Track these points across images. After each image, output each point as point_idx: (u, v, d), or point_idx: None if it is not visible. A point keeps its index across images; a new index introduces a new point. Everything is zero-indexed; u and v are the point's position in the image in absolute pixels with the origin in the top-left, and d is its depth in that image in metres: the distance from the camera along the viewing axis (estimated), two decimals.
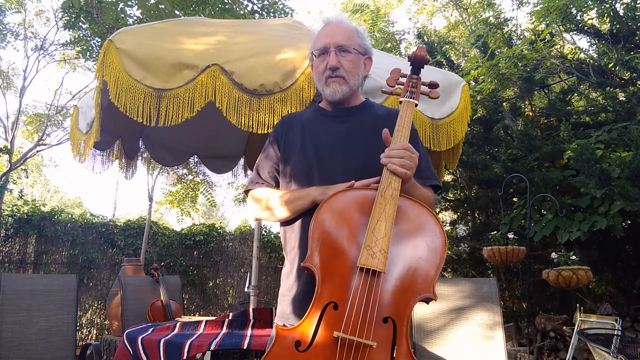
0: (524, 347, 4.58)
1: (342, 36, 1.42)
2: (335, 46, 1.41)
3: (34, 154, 13.28)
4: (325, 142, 1.43)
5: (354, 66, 1.43)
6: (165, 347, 2.10)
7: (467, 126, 2.75)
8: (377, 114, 1.49)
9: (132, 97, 2.11)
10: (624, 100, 5.14)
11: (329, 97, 1.45)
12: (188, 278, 7.54)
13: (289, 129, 1.51)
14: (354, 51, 1.43)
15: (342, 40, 1.42)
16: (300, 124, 1.51)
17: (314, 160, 1.42)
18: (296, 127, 1.51)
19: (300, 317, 1.17)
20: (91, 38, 6.30)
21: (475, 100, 5.64)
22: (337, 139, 1.42)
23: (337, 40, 1.42)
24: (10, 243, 6.58)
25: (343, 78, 1.42)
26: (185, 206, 8.81)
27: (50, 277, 3.90)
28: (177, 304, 3.74)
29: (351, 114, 1.47)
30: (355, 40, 1.45)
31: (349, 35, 1.44)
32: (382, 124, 1.31)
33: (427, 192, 1.37)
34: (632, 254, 5.03)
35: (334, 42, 1.42)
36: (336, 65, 1.40)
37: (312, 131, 1.47)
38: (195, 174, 8.05)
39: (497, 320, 2.70)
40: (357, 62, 1.44)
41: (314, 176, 1.39)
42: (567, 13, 5.20)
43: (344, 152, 1.39)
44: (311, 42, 1.52)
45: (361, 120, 1.46)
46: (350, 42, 1.43)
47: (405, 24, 32.30)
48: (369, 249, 1.12)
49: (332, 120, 1.47)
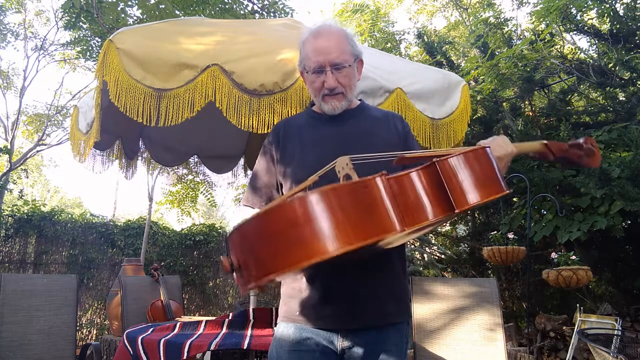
0: (524, 347, 4.58)
1: (335, 53, 1.38)
2: (330, 65, 1.37)
3: (34, 154, 13.29)
4: (326, 147, 1.41)
5: (350, 79, 1.42)
6: (165, 347, 2.10)
7: (467, 126, 2.76)
8: (373, 115, 1.48)
9: (132, 97, 2.11)
10: (624, 100, 5.14)
11: (328, 112, 1.43)
12: (188, 278, 7.54)
13: (286, 136, 1.49)
14: (348, 65, 1.40)
15: (336, 57, 1.38)
16: (297, 130, 1.49)
17: (318, 167, 1.37)
18: (293, 134, 1.48)
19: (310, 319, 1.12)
20: (91, 38, 6.30)
21: (475, 100, 5.63)
22: (338, 143, 1.41)
23: (331, 58, 1.37)
24: (10, 243, 6.58)
25: (342, 94, 1.40)
26: (186, 206, 8.82)
27: (50, 277, 3.90)
28: (177, 304, 3.74)
29: (348, 117, 1.46)
30: (347, 50, 1.41)
31: (342, 49, 1.39)
32: (379, 126, 1.30)
33: None
34: (632, 254, 5.02)
35: (329, 61, 1.37)
36: (334, 86, 1.38)
37: (311, 137, 1.45)
38: (195, 174, 8.05)
39: (497, 321, 2.70)
40: (352, 73, 1.42)
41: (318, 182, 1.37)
42: (567, 13, 5.20)
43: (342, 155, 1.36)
44: (300, 50, 1.46)
45: (359, 122, 1.45)
46: (344, 57, 1.39)
47: (405, 24, 32.38)
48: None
49: (330, 125, 1.45)
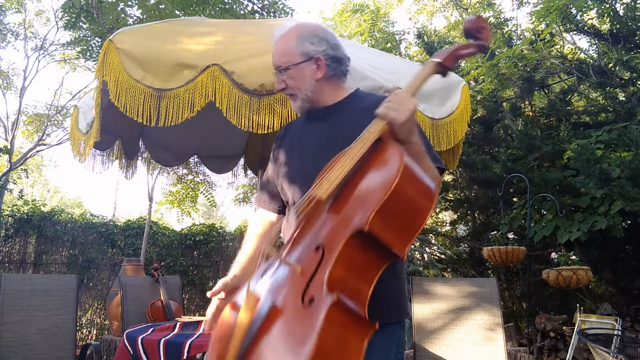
0: (524, 347, 4.58)
1: (277, 56, 1.45)
2: (276, 68, 1.45)
3: (34, 154, 13.28)
4: (306, 146, 1.45)
5: (298, 79, 1.43)
6: (165, 347, 2.11)
7: (467, 126, 2.76)
8: (362, 106, 1.41)
9: (132, 97, 2.11)
10: (624, 100, 5.15)
11: (295, 111, 1.52)
12: (188, 278, 7.54)
13: (283, 136, 1.56)
14: (293, 66, 1.43)
15: (277, 60, 1.45)
16: (293, 131, 1.55)
17: (297, 167, 1.44)
18: (288, 135, 1.55)
19: None
20: (91, 38, 6.30)
21: (475, 100, 5.63)
22: (317, 141, 1.43)
23: (275, 63, 1.45)
24: (10, 243, 6.58)
25: (293, 94, 1.46)
26: (186, 206, 8.82)
27: (50, 277, 3.91)
28: (177, 304, 3.74)
29: (332, 112, 1.45)
30: (291, 51, 1.43)
31: (284, 50, 1.44)
32: (366, 116, 1.25)
33: (432, 165, 1.28)
34: (632, 254, 5.03)
35: (275, 65, 1.46)
36: (282, 87, 1.45)
37: (298, 137, 1.50)
38: (195, 174, 8.07)
39: (497, 321, 2.70)
40: (299, 74, 1.43)
41: (297, 183, 1.40)
42: (567, 13, 5.20)
43: (323, 152, 1.34)
44: None
45: (342, 117, 1.43)
46: (287, 59, 1.43)
47: (405, 24, 32.35)
48: (319, 179, 1.15)
49: (316, 122, 1.47)
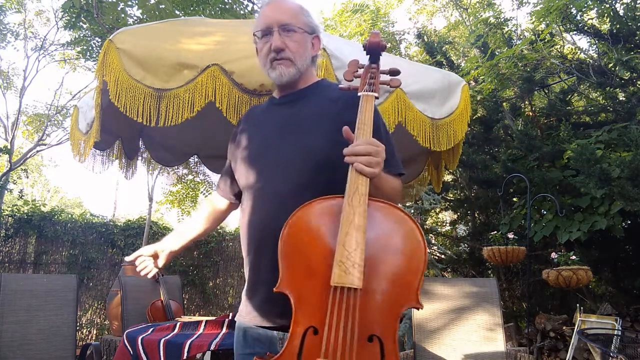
0: (524, 347, 4.58)
1: (285, 15, 1.30)
2: (278, 25, 1.29)
3: (34, 154, 13.28)
4: (268, 132, 1.35)
5: (301, 46, 1.31)
6: (165, 347, 2.11)
7: (467, 126, 2.75)
8: (330, 96, 1.34)
9: (132, 97, 2.11)
10: (624, 100, 5.14)
11: (275, 80, 1.34)
12: (188, 278, 7.54)
13: (245, 124, 1.46)
14: (300, 30, 1.31)
15: (286, 18, 1.30)
16: (254, 116, 1.45)
17: (255, 153, 1.35)
18: (249, 121, 1.45)
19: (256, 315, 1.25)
20: (91, 38, 6.29)
21: (475, 100, 5.63)
22: (280, 128, 1.33)
23: (280, 19, 1.29)
24: (10, 243, 6.58)
25: (289, 60, 1.30)
26: (186, 206, 8.82)
27: (50, 277, 3.90)
28: (177, 304, 3.74)
29: (298, 98, 1.36)
30: (301, 19, 1.33)
31: (293, 14, 1.32)
32: (333, 108, 1.22)
33: (393, 181, 1.24)
34: (632, 254, 5.03)
35: (277, 21, 1.29)
36: (281, 47, 1.28)
37: (260, 122, 1.40)
38: (195, 174, 8.06)
39: (497, 321, 2.70)
40: (303, 42, 1.32)
41: (254, 170, 1.33)
42: (567, 13, 5.20)
43: (285, 139, 1.29)
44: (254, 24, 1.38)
45: (309, 104, 1.34)
46: (295, 21, 1.31)
47: (405, 24, 32.31)
48: (342, 265, 1.01)
49: (279, 108, 1.38)
